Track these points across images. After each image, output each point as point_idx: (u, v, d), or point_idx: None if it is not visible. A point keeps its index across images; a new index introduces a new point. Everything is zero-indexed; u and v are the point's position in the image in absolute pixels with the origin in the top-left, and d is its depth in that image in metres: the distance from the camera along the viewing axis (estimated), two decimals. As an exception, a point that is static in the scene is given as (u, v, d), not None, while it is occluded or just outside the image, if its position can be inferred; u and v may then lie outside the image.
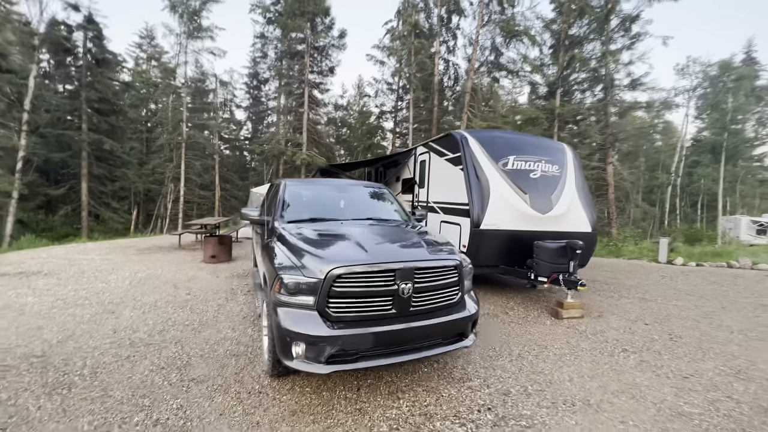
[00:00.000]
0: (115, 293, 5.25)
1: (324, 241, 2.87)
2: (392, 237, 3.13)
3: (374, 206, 4.25)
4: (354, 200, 4.29)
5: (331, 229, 3.29)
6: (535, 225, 5.34)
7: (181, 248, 9.51)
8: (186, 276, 6.44)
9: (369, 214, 3.98)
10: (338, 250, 2.72)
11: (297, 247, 2.81)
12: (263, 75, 27.23)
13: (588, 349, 3.77)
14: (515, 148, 5.74)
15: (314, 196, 4.18)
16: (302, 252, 2.72)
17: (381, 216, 4.00)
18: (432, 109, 19.23)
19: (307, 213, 3.75)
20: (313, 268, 2.52)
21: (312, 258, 2.61)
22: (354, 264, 2.52)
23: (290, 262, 2.67)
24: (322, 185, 4.47)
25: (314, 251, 2.69)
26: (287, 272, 2.58)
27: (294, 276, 2.53)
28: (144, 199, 28.56)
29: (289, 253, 2.79)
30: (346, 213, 3.94)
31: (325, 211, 3.90)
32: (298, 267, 2.58)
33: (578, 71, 16.78)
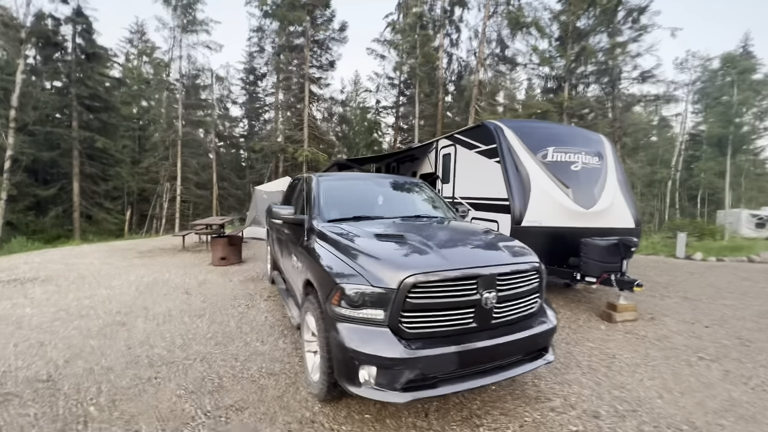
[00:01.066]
0: (123, 301, 4.77)
1: (386, 244, 2.45)
2: (459, 237, 2.72)
3: (418, 202, 3.84)
4: (395, 195, 3.87)
5: (387, 228, 2.86)
6: (578, 221, 4.96)
7: (186, 250, 9.01)
8: (196, 280, 5.97)
9: (416, 211, 3.56)
10: (408, 254, 2.29)
11: (353, 251, 2.39)
12: (260, 70, 26.54)
13: (661, 358, 3.40)
14: (553, 138, 5.35)
15: (352, 192, 3.75)
16: (362, 256, 2.30)
17: (429, 213, 3.58)
18: (437, 104, 18.80)
19: (349, 210, 3.31)
20: (382, 275, 2.10)
21: (378, 263, 2.19)
22: (433, 270, 2.10)
23: (349, 268, 2.24)
24: (356, 179, 4.05)
25: (380, 255, 2.27)
26: (348, 281, 2.15)
27: (358, 285, 2.11)
28: (138, 199, 27.79)
29: (344, 257, 2.37)
30: (390, 209, 3.52)
31: (368, 208, 3.47)
32: (361, 274, 2.15)
33: (588, 64, 16.46)
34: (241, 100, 28.73)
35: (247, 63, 27.56)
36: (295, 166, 20.97)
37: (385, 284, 2.07)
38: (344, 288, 2.14)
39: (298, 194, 4.19)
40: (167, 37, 22.41)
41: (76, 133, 19.83)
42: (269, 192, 12.10)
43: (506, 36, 17.17)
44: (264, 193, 12.22)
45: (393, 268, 2.12)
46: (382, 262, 2.19)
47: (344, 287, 2.14)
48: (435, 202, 3.92)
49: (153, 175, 23.98)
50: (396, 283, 2.05)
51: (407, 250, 2.34)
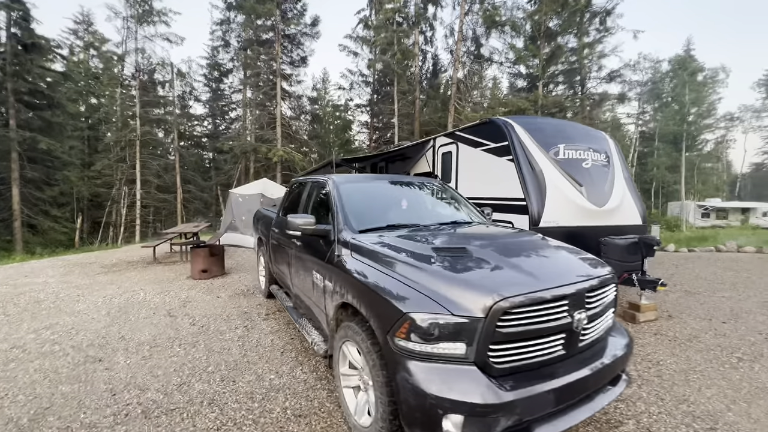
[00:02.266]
0: (93, 330, 4.04)
1: (452, 259, 2.06)
2: (527, 247, 2.38)
3: (447, 205, 3.48)
4: (420, 198, 3.50)
5: (439, 239, 2.48)
6: (593, 219, 4.84)
7: (157, 262, 8.10)
8: (178, 299, 5.27)
9: (451, 216, 3.21)
10: (488, 272, 1.93)
11: (414, 269, 1.98)
12: (225, 65, 25.03)
13: (703, 362, 3.28)
14: (563, 135, 5.21)
15: (375, 196, 3.32)
16: (429, 276, 1.90)
17: (464, 218, 3.24)
18: (413, 102, 18.59)
19: (380, 218, 2.90)
20: (464, 300, 1.72)
21: (455, 285, 1.80)
22: (526, 292, 1.75)
23: (415, 292, 1.83)
24: (373, 181, 3.61)
25: (453, 275, 1.89)
26: (419, 308, 1.75)
27: (434, 314, 1.72)
28: (89, 206, 25.42)
29: (404, 277, 1.96)
30: (421, 215, 3.14)
31: (398, 215, 3.07)
32: (435, 300, 1.76)
33: (560, 63, 16.91)
34: (205, 98, 27.04)
35: (211, 58, 25.95)
36: (268, 167, 19.96)
37: (469, 312, 1.69)
38: (415, 318, 1.74)
39: (307, 200, 3.70)
40: (120, 28, 20.49)
41: (14, 133, 17.64)
42: (246, 195, 11.31)
43: (481, 34, 17.28)
44: (239, 196, 11.40)
45: (476, 290, 1.75)
46: (460, 283, 1.81)
47: (415, 317, 1.74)
48: (463, 204, 3.59)
49: (107, 178, 21.93)
50: (483, 309, 1.68)
51: (484, 268, 1.98)
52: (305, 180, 4.17)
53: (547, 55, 16.62)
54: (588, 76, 17.35)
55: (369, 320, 2.05)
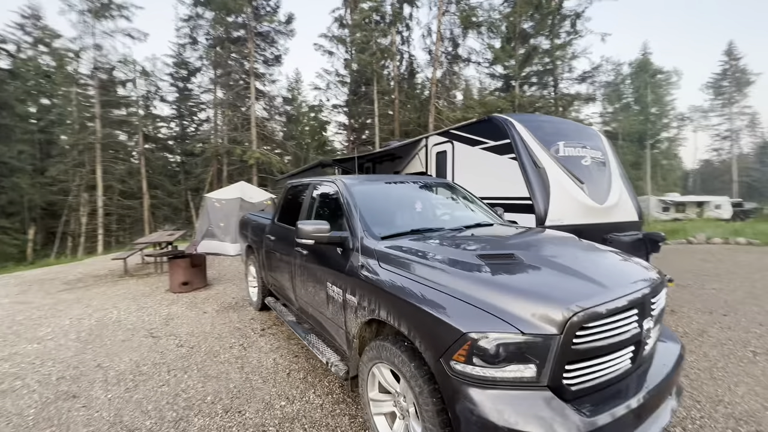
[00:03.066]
0: (63, 359, 3.52)
1: (505, 267, 1.84)
2: (571, 252, 2.20)
3: (465, 206, 3.28)
4: (435, 200, 3.28)
5: (478, 245, 2.26)
6: (595, 217, 4.81)
7: (129, 275, 7.42)
8: (159, 316, 4.76)
9: (472, 218, 3.00)
10: (551, 281, 1.72)
11: (463, 280, 1.75)
12: (193, 64, 23.80)
13: (720, 357, 3.27)
14: (560, 132, 5.18)
15: (390, 199, 3.06)
16: (484, 288, 1.67)
17: (486, 220, 3.05)
18: (392, 102, 18.44)
19: (401, 222, 2.65)
20: (532, 315, 1.51)
21: (519, 298, 1.58)
22: (601, 303, 1.57)
23: (472, 308, 1.60)
24: (386, 183, 3.35)
25: (514, 286, 1.67)
26: (481, 326, 1.52)
27: (499, 333, 1.49)
28: (43, 215, 23.42)
29: (453, 290, 1.72)
30: (444, 218, 2.93)
31: (418, 218, 2.84)
32: (498, 316, 1.53)
33: (534, 64, 17.31)
34: (172, 98, 25.63)
35: (177, 56, 24.62)
36: (243, 169, 19.13)
37: (541, 328, 1.48)
38: (477, 339, 1.50)
39: (310, 205, 3.38)
40: (75, 23, 18.96)
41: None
42: (223, 200, 10.71)
43: (458, 35, 17.41)
44: (216, 201, 10.78)
45: (548, 303, 1.54)
46: (526, 295, 1.59)
47: (477, 337, 1.51)
48: (478, 204, 3.41)
49: (63, 185, 20.24)
50: (558, 324, 1.47)
51: (544, 276, 1.77)
52: (303, 183, 3.85)
53: (523, 56, 16.96)
54: (560, 77, 17.88)
55: (413, 341, 1.79)
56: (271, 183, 18.83)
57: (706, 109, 48.08)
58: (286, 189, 4.14)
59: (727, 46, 45.81)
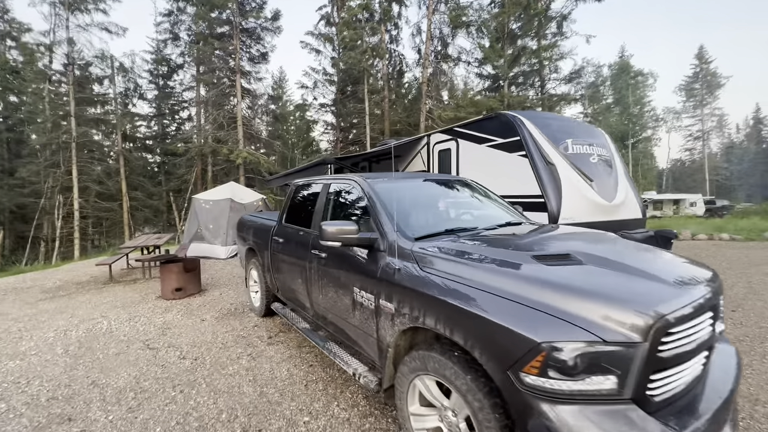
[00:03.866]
0: (52, 377, 3.20)
1: (564, 269, 1.70)
2: (624, 251, 2.08)
3: (490, 204, 3.14)
4: (462, 198, 3.13)
5: (526, 244, 2.12)
6: (604, 214, 4.80)
7: (114, 281, 6.98)
8: (154, 326, 4.45)
9: (501, 217, 2.87)
10: (624, 283, 1.59)
11: (525, 283, 1.60)
12: (174, 61, 22.94)
13: (742, 354, 3.26)
14: (567, 130, 5.15)
15: (416, 198, 2.89)
16: (553, 292, 1.53)
17: (514, 218, 2.92)
18: (382, 101, 18.27)
19: (435, 222, 2.50)
20: (614, 321, 1.38)
21: (594, 302, 1.45)
22: (685, 304, 1.46)
23: (542, 314, 1.46)
24: (407, 181, 3.17)
25: (586, 289, 1.53)
26: (556, 335, 1.38)
27: (580, 342, 1.35)
28: (12, 218, 22.13)
29: (514, 295, 1.57)
30: (475, 217, 2.79)
31: (451, 218, 2.69)
32: (575, 324, 1.39)
33: (522, 64, 17.49)
34: (151, 96, 24.67)
35: (156, 52, 23.70)
36: (229, 170, 18.57)
37: (625, 335, 1.35)
38: (554, 348, 1.36)
39: (324, 205, 3.18)
40: (47, 15, 17.96)
41: None
42: (211, 201, 10.31)
43: (447, 34, 17.41)
44: (204, 202, 10.37)
45: (629, 307, 1.41)
46: (602, 299, 1.46)
47: (554, 347, 1.36)
48: (500, 202, 3.28)
49: (35, 186, 19.15)
50: (642, 330, 1.35)
51: (613, 278, 1.64)
52: (313, 182, 3.64)
53: (512, 56, 17.11)
54: (548, 77, 18.15)
55: (470, 351, 1.64)
56: (259, 183, 18.35)
57: (679, 111, 50.13)
58: (294, 189, 3.92)
59: (698, 50, 47.92)
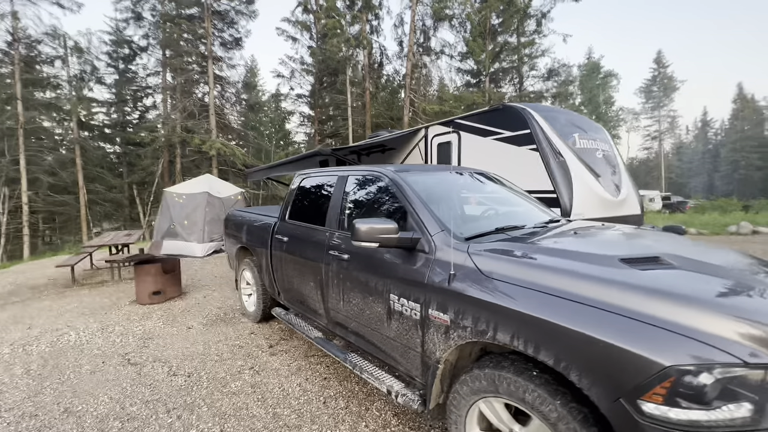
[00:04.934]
0: (13, 404, 2.67)
1: (670, 275, 1.49)
2: (701, 252, 1.92)
3: (526, 201, 2.92)
4: (499, 194, 2.89)
5: (601, 245, 1.91)
6: (611, 210, 4.76)
7: (78, 284, 6.23)
8: (133, 336, 3.92)
9: (541, 215, 2.65)
10: (739, 292, 1.40)
11: (626, 293, 1.38)
12: (137, 43, 21.14)
13: None
14: (574, 124, 5.07)
15: (452, 192, 2.61)
16: (662, 302, 1.31)
17: (551, 216, 2.73)
18: (363, 93, 17.81)
19: (482, 220, 2.25)
20: (745, 338, 1.18)
21: (717, 315, 1.24)
22: None
23: (657, 330, 1.23)
24: (434, 172, 2.88)
25: (704, 299, 1.32)
26: (687, 357, 1.16)
27: (718, 365, 1.14)
28: (-53, 213, 19.76)
29: (618, 307, 1.34)
30: (518, 215, 2.57)
31: (497, 216, 2.44)
32: (705, 342, 1.18)
33: (503, 61, 17.61)
34: (110, 80, 22.69)
35: (116, 33, 21.78)
36: (200, 161, 17.47)
37: (764, 355, 1.15)
38: (685, 372, 1.14)
39: (341, 201, 2.84)
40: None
41: None
42: (183, 195, 9.57)
43: (429, 27, 17.17)
44: (177, 196, 9.62)
45: (760, 321, 1.21)
46: (724, 311, 1.25)
47: (685, 371, 1.14)
48: (530, 197, 3.08)
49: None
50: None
51: (723, 286, 1.45)
52: (323, 174, 3.29)
53: (493, 52, 17.17)
54: (527, 74, 18.42)
55: (565, 373, 1.39)
56: (233, 176, 17.40)
57: (638, 112, 53.19)
58: (299, 181, 3.53)
59: (656, 54, 50.87)
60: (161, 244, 8.53)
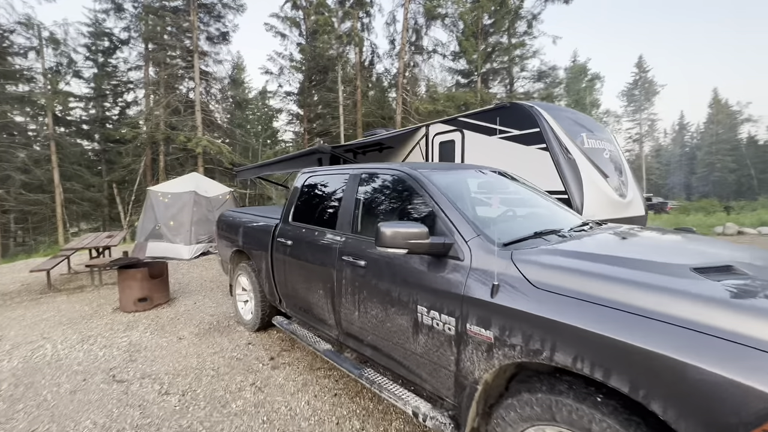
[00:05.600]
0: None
1: (751, 289, 1.33)
2: (751, 256, 1.77)
3: (552, 203, 2.74)
4: (520, 194, 2.70)
5: (659, 252, 1.73)
6: (619, 211, 4.66)
7: (54, 290, 5.78)
8: (118, 349, 3.59)
9: (571, 218, 2.48)
10: None
11: (717, 310, 1.20)
12: (117, 36, 20.25)
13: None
14: (580, 123, 4.96)
15: (480, 193, 2.42)
16: (755, 320, 1.14)
17: (579, 219, 2.56)
18: (354, 91, 17.53)
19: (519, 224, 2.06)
20: None
21: None
22: None
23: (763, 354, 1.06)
24: (456, 171, 2.67)
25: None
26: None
27: None
28: None
29: (709, 328, 1.16)
30: (550, 217, 2.38)
31: (531, 219, 2.26)
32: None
33: (494, 61, 17.62)
34: (89, 74, 21.68)
35: (95, 25, 20.83)
36: (184, 160, 16.85)
37: None
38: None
39: (355, 202, 2.61)
40: (-50, -31, 14.91)
41: None
42: (169, 194, 9.13)
43: (422, 25, 17.03)
44: (162, 195, 9.17)
45: None
46: None
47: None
48: (553, 198, 2.91)
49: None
50: None
51: None
52: (332, 173, 3.04)
53: (484, 51, 17.15)
54: (518, 75, 18.50)
55: (646, 403, 1.20)
56: (219, 175, 16.86)
57: (620, 114, 54.60)
58: (302, 181, 3.28)
59: (638, 59, 52.28)
60: (145, 246, 8.09)
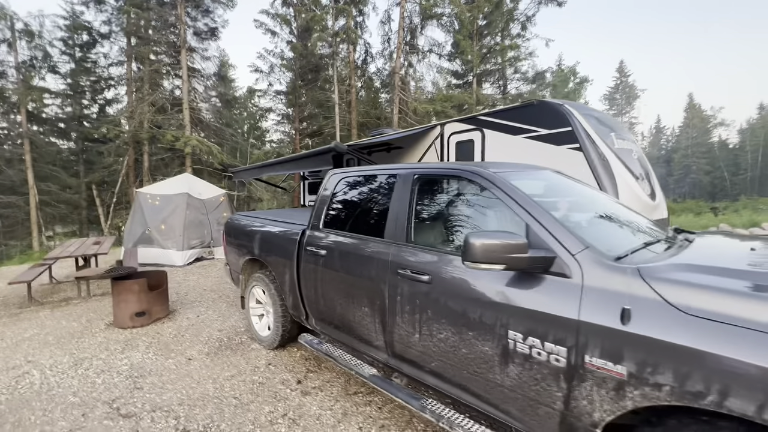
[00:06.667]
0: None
1: None
2: None
3: (617, 204, 2.49)
4: (593, 198, 2.43)
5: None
6: (650, 214, 4.47)
7: (36, 303, 5.21)
8: (119, 374, 3.15)
9: (649, 222, 2.25)
10: None
11: None
12: (96, 29, 19.23)
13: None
14: (609, 123, 4.80)
15: (562, 197, 2.15)
16: None
17: (668, 227, 2.32)
18: (350, 91, 17.17)
19: (621, 234, 1.80)
20: None
21: None
22: None
23: None
24: (533, 171, 2.37)
25: None
26: None
27: None
28: None
29: None
30: (632, 224, 2.12)
31: (627, 228, 2.00)
32: None
33: (489, 62, 17.58)
34: (66, 69, 20.53)
35: (72, 17, 19.75)
36: (170, 160, 16.09)
37: None
38: None
39: (408, 208, 2.29)
40: None
41: None
42: (158, 196, 8.59)
43: (417, 25, 16.84)
44: (150, 197, 8.61)
45: None
46: None
47: None
48: (613, 199, 2.67)
49: None
50: None
51: None
52: (375, 173, 2.71)
53: (482, 53, 17.09)
54: (512, 77, 18.53)
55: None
56: (207, 176, 16.16)
57: (604, 118, 55.73)
58: (335, 183, 2.93)
59: (619, 63, 53.75)
60: (136, 253, 7.52)
